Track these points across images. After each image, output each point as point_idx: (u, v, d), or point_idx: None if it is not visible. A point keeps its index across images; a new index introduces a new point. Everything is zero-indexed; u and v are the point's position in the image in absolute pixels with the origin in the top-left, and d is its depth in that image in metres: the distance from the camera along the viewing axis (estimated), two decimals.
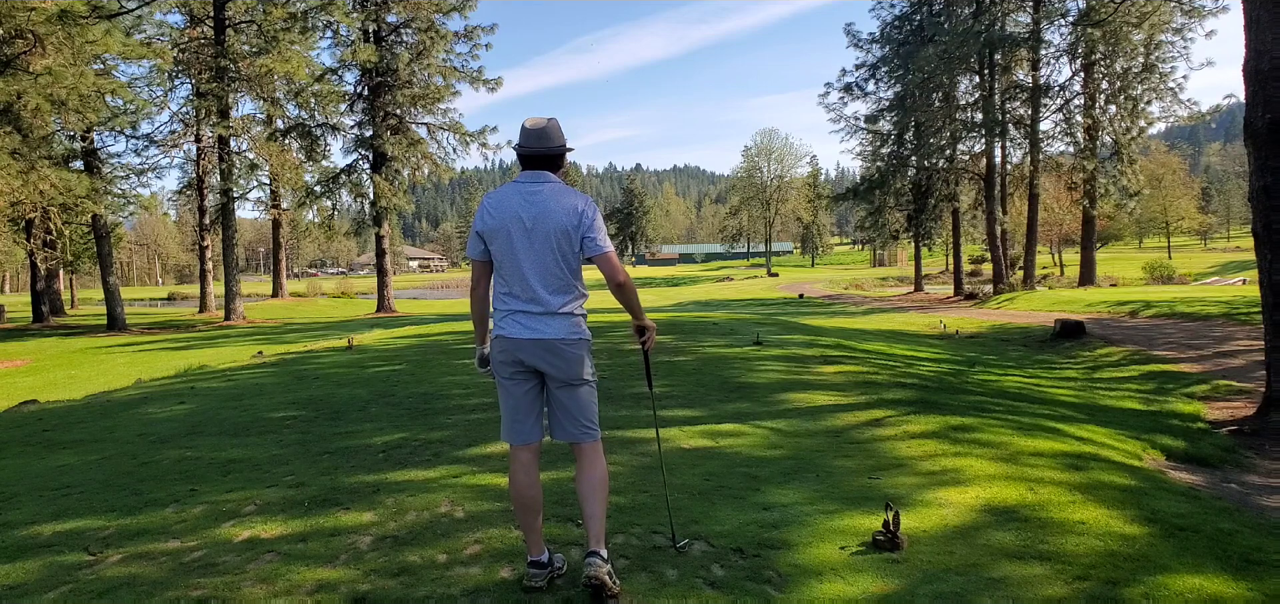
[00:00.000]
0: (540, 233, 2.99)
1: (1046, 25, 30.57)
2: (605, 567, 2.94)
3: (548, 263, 3.00)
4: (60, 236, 29.61)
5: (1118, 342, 13.08)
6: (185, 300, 51.88)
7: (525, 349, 3.02)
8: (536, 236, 2.99)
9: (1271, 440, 6.33)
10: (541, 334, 3.01)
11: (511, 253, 2.99)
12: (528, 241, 2.99)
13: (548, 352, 3.02)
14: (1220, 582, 3.12)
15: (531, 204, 3.01)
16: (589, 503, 3.05)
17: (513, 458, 3.14)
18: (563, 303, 3.03)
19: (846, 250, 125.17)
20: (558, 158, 3.12)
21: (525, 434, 3.12)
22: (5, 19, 20.06)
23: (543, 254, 2.99)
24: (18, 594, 3.20)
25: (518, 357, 3.04)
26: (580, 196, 3.08)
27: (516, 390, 3.09)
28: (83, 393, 9.90)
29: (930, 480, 4.43)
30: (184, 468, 5.18)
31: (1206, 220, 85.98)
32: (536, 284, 3.00)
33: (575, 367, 3.06)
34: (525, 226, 2.99)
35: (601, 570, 2.92)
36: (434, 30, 30.47)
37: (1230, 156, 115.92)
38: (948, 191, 34.79)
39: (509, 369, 3.07)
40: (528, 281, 2.99)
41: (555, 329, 3.02)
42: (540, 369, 3.06)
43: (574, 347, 3.05)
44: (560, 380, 3.07)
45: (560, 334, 3.03)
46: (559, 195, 3.05)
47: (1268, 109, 6.49)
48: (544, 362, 3.04)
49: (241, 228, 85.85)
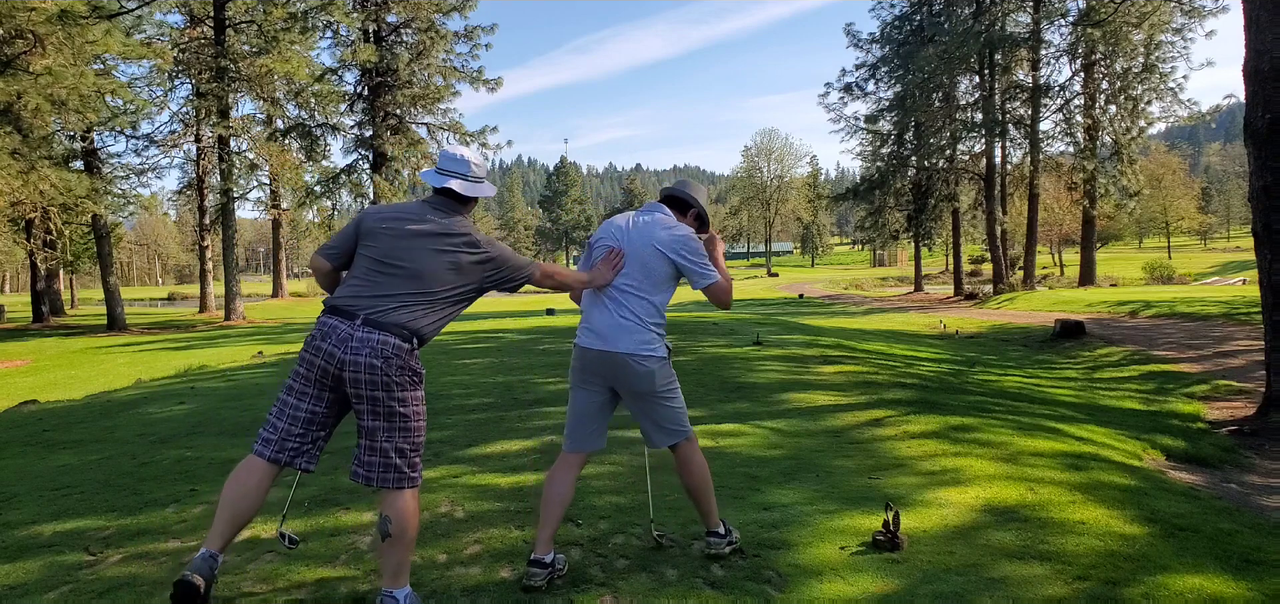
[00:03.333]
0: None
1: (1046, 25, 30.58)
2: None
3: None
4: (60, 236, 29.62)
5: (1118, 342, 13.08)
6: (185, 300, 51.88)
7: None
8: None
9: (1271, 440, 6.33)
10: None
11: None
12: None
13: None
14: (1220, 582, 3.12)
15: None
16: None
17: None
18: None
19: (846, 250, 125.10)
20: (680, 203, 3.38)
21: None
22: (5, 19, 20.05)
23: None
24: (18, 594, 3.20)
25: None
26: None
27: None
28: (83, 393, 9.90)
29: (930, 480, 4.43)
30: (184, 468, 5.18)
31: (1206, 220, 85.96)
32: None
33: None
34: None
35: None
36: (434, 30, 30.48)
37: (1230, 156, 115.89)
38: (948, 191, 34.78)
39: None
40: None
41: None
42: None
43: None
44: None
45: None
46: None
47: (1268, 109, 6.50)
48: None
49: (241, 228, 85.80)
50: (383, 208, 2.99)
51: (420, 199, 3.01)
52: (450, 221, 2.88)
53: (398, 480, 2.75)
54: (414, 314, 2.77)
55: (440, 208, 2.91)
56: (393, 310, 2.74)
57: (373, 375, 2.68)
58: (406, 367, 2.74)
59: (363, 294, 2.78)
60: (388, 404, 2.72)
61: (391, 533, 2.71)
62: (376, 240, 2.84)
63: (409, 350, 2.75)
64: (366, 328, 2.71)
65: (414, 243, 2.81)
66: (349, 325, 2.72)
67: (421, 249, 2.81)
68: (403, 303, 2.76)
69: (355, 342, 2.70)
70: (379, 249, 2.83)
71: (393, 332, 2.72)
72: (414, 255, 2.80)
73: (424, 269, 2.80)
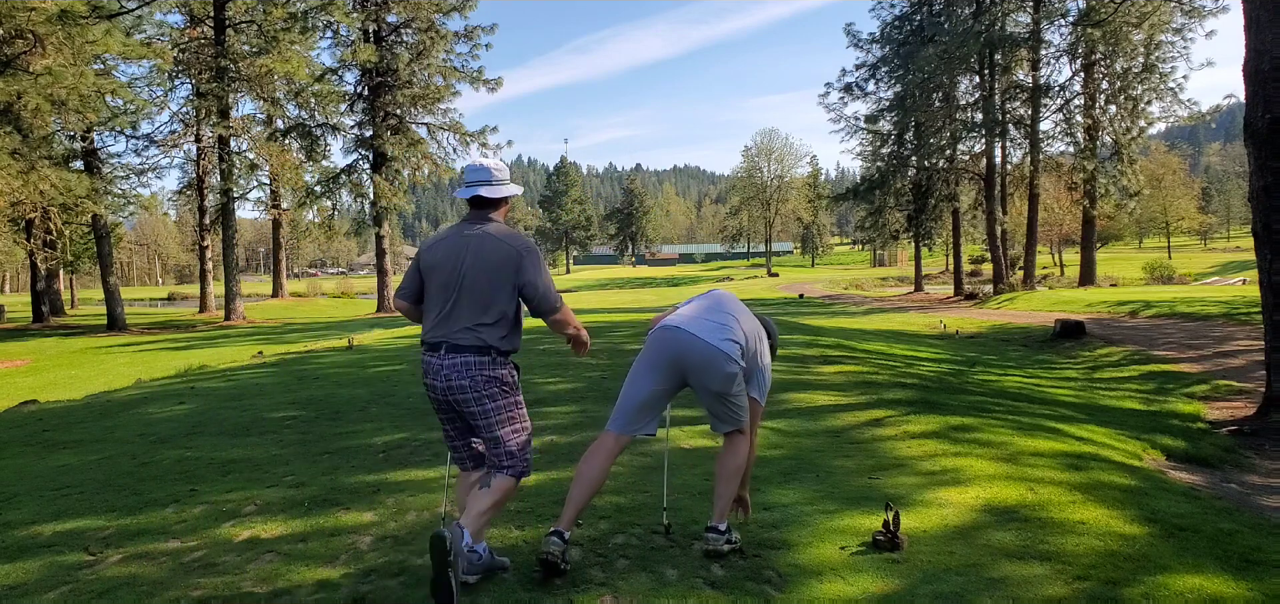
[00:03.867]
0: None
1: (1046, 25, 30.59)
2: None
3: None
4: (60, 236, 29.60)
5: (1118, 342, 13.08)
6: (185, 300, 51.89)
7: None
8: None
9: (1271, 440, 6.33)
10: None
11: None
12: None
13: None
14: (1220, 582, 3.12)
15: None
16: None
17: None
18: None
19: (846, 250, 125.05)
20: None
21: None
22: (5, 19, 20.06)
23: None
24: (18, 594, 3.20)
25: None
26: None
27: None
28: (83, 393, 9.90)
29: (930, 480, 4.43)
30: (184, 468, 5.18)
31: (1206, 220, 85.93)
32: None
33: None
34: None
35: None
36: (434, 30, 30.46)
37: (1230, 156, 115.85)
38: (948, 191, 34.79)
39: None
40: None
41: None
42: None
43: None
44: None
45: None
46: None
47: (1268, 109, 6.50)
48: None
49: (241, 228, 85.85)
50: (433, 239, 3.26)
51: (458, 221, 3.29)
52: (485, 228, 3.14)
53: (515, 469, 3.14)
54: (480, 330, 3.04)
55: (474, 219, 3.19)
56: (461, 331, 3.05)
57: (464, 394, 3.05)
58: (492, 378, 3.06)
59: (438, 326, 3.10)
60: (485, 417, 3.08)
61: (492, 500, 3.10)
62: (434, 274, 3.15)
63: (490, 363, 3.05)
64: (449, 354, 3.05)
65: (465, 263, 3.08)
66: (437, 358, 3.08)
67: (471, 267, 3.08)
68: (469, 324, 3.05)
69: (445, 370, 3.05)
70: (438, 279, 3.13)
71: (469, 352, 3.03)
72: (467, 276, 3.07)
73: (478, 284, 3.06)
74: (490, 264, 3.05)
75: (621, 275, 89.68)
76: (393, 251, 36.36)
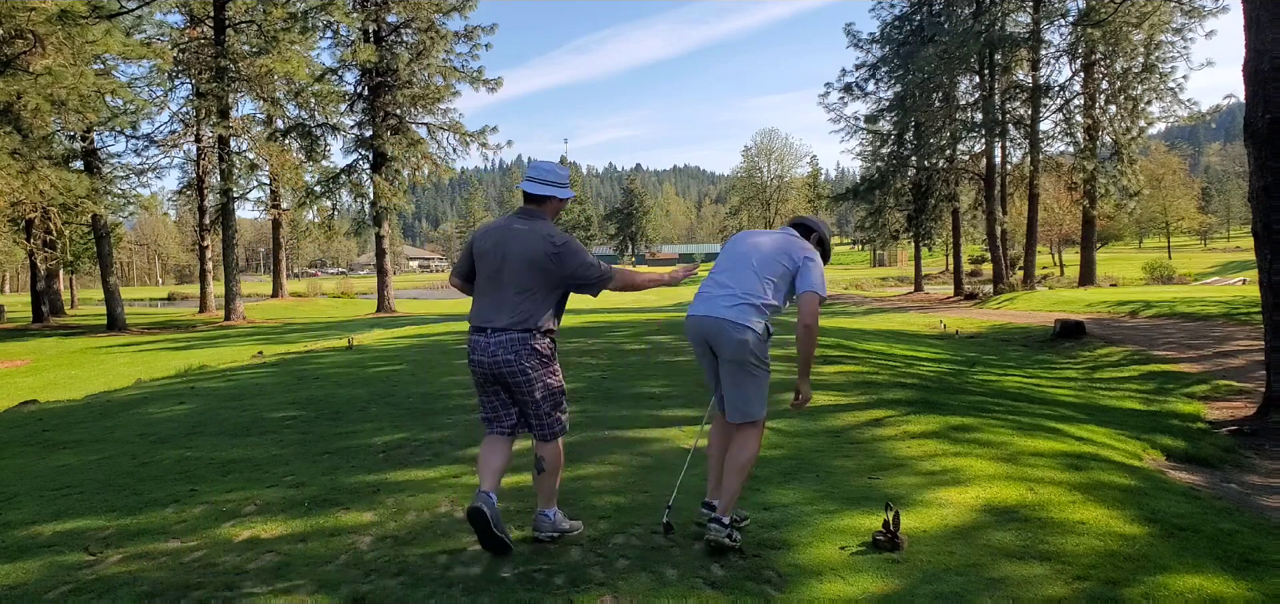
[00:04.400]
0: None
1: (1046, 25, 30.58)
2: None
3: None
4: (60, 236, 29.59)
5: (1118, 342, 13.09)
6: (185, 300, 51.87)
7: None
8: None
9: (1271, 440, 6.33)
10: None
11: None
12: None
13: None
14: (1220, 582, 3.12)
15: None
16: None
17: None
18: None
19: (846, 250, 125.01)
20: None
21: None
22: (5, 19, 20.05)
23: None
24: (18, 594, 3.20)
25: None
26: None
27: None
28: (83, 393, 9.90)
29: (930, 480, 4.44)
30: (184, 468, 5.18)
31: (1206, 220, 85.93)
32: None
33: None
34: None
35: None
36: (434, 30, 30.46)
37: (1230, 156, 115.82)
38: (948, 191, 34.79)
39: None
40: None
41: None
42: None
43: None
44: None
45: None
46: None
47: (1268, 109, 6.50)
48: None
49: (241, 228, 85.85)
50: (486, 227, 3.64)
51: (514, 211, 3.62)
52: (532, 225, 3.47)
53: (549, 433, 3.54)
54: (522, 313, 3.40)
55: (524, 214, 3.53)
56: (507, 312, 3.41)
57: (510, 367, 3.40)
58: (533, 351, 3.42)
59: (486, 308, 3.48)
60: (528, 384, 3.43)
61: (545, 469, 3.54)
62: (485, 260, 3.53)
63: (530, 337, 3.41)
64: (495, 334, 3.41)
65: (508, 253, 3.44)
66: (484, 337, 3.44)
67: (513, 256, 3.43)
68: (514, 307, 3.40)
69: (491, 347, 3.42)
70: (488, 266, 3.50)
71: (515, 330, 3.39)
72: (509, 264, 3.43)
73: (519, 272, 3.41)
74: (528, 257, 3.40)
75: None
76: (393, 251, 36.37)
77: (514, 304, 3.40)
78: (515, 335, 3.38)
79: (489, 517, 3.31)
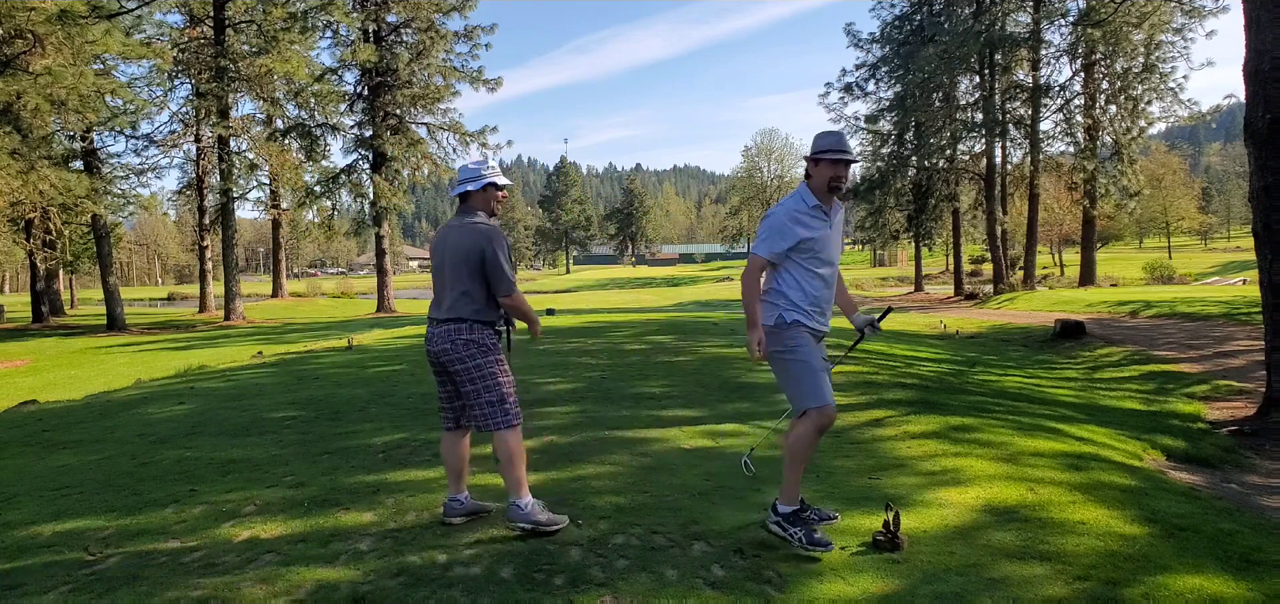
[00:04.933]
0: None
1: (1046, 25, 30.56)
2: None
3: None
4: (60, 236, 29.59)
5: (1118, 342, 13.08)
6: (185, 300, 51.88)
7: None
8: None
9: (1271, 440, 6.33)
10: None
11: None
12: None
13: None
14: (1220, 582, 3.12)
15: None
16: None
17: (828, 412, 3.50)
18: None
19: (847, 250, 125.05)
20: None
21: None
22: (5, 19, 20.04)
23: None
24: (18, 594, 3.20)
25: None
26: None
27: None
28: (83, 393, 9.90)
29: (930, 480, 4.43)
30: (184, 468, 5.18)
31: (1207, 220, 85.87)
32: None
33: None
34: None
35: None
36: (434, 30, 30.45)
37: (1230, 156, 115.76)
38: (948, 191, 34.78)
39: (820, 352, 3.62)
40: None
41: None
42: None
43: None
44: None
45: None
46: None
47: (1268, 109, 6.49)
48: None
49: (241, 228, 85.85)
50: (440, 229, 3.88)
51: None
52: (464, 221, 3.72)
53: (494, 423, 3.67)
54: (458, 304, 3.64)
55: (459, 213, 3.80)
56: (446, 305, 3.68)
57: (448, 355, 3.66)
58: (469, 341, 3.64)
59: (434, 302, 3.79)
60: (465, 372, 3.66)
61: (500, 460, 3.70)
62: (433, 258, 3.82)
63: (467, 329, 3.64)
64: (437, 325, 3.71)
65: (447, 250, 3.71)
66: (432, 329, 3.74)
67: (450, 252, 3.69)
68: (452, 299, 3.66)
69: (435, 336, 3.71)
70: (435, 263, 3.79)
71: (451, 320, 3.65)
72: (448, 260, 3.69)
73: (455, 267, 3.66)
74: (459, 251, 3.66)
75: (621, 275, 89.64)
76: (392, 251, 36.36)
77: (452, 297, 3.66)
78: (451, 325, 3.65)
79: (460, 515, 3.81)
